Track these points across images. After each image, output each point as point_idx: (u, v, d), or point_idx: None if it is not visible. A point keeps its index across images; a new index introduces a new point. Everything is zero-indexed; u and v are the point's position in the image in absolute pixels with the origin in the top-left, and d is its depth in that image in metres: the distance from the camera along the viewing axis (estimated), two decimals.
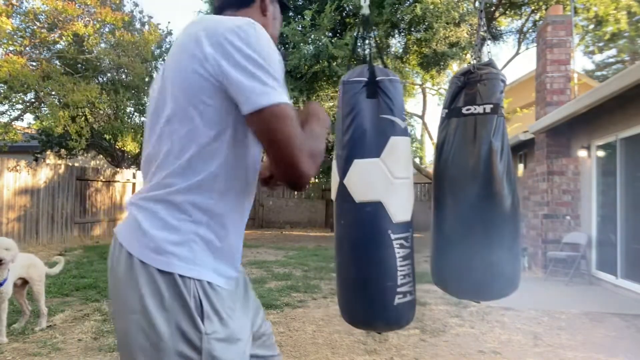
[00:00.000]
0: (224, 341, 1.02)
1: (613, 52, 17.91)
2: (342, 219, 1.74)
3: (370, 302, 1.71)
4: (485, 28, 2.03)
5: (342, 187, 1.70)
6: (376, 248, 1.67)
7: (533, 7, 12.39)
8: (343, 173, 1.70)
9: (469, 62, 1.93)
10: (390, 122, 1.68)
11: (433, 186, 1.93)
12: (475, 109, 1.78)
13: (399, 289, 1.67)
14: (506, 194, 1.73)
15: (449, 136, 1.85)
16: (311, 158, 1.03)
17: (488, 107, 1.77)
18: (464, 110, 1.81)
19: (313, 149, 1.06)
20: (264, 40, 1.02)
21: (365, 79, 1.72)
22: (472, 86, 1.82)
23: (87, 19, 8.90)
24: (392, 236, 1.66)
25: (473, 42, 9.86)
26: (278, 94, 0.98)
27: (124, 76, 10.68)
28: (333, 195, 1.78)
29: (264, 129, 0.99)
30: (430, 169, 16.45)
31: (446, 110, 1.90)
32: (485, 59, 1.99)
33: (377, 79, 1.71)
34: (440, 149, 1.88)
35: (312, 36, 9.76)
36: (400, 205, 1.67)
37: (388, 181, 1.66)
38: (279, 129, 0.97)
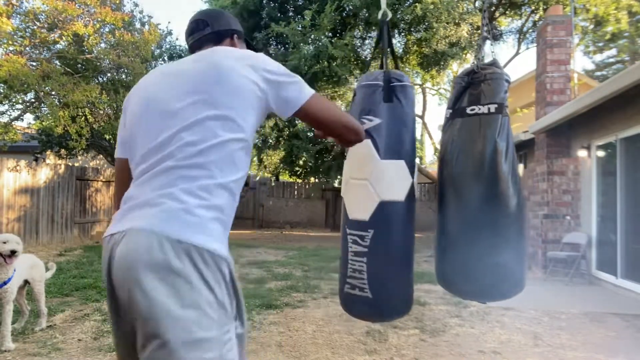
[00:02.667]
0: None
1: (613, 52, 17.92)
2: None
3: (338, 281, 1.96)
4: (487, 28, 2.01)
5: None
6: (341, 237, 1.88)
7: (533, 7, 12.39)
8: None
9: (473, 62, 1.91)
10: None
11: (438, 187, 1.92)
12: (479, 108, 1.77)
13: (347, 279, 1.83)
14: (512, 194, 1.71)
15: (453, 136, 1.84)
16: (350, 116, 1.41)
17: (492, 107, 1.75)
18: (468, 110, 1.80)
19: (342, 111, 1.41)
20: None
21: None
22: (476, 86, 1.80)
23: (87, 19, 8.89)
24: (347, 230, 1.82)
25: (473, 42, 9.86)
26: (308, 88, 1.31)
27: (124, 76, 10.67)
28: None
29: (316, 111, 1.31)
30: (430, 169, 16.47)
31: (450, 111, 1.88)
32: (488, 58, 1.97)
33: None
34: (444, 149, 1.87)
35: (312, 36, 9.75)
36: (353, 204, 1.83)
37: (345, 181, 1.86)
38: (325, 108, 1.33)
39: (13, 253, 3.24)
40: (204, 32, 1.46)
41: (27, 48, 8.65)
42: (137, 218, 1.14)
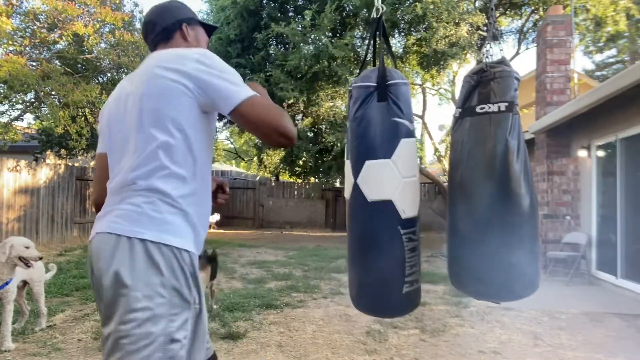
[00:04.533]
0: None
1: (613, 52, 17.92)
2: (357, 216, 1.84)
3: (381, 293, 1.82)
4: (495, 26, 2.01)
5: (355, 187, 1.80)
6: (387, 242, 1.77)
7: (533, 7, 12.40)
8: (356, 173, 1.79)
9: (482, 61, 1.90)
10: (400, 125, 1.76)
11: (448, 187, 1.91)
12: (489, 107, 1.75)
13: (406, 279, 1.78)
14: (524, 194, 1.70)
15: (463, 136, 1.82)
16: (287, 120, 1.32)
17: (503, 106, 1.73)
18: (478, 109, 1.78)
19: (281, 113, 1.33)
20: (219, 59, 1.36)
21: (374, 84, 1.78)
22: (486, 85, 1.78)
23: (87, 19, 8.89)
24: (401, 231, 1.76)
25: (473, 42, 9.86)
26: (246, 90, 1.31)
27: (123, 76, 10.65)
28: (347, 195, 1.88)
29: (248, 116, 1.30)
30: (430, 169, 16.48)
31: (460, 110, 1.86)
32: (497, 57, 1.96)
33: (388, 82, 1.78)
34: (454, 149, 1.85)
35: (312, 36, 9.75)
36: (408, 203, 1.78)
37: (398, 180, 1.76)
38: (257, 113, 1.30)
39: (40, 259, 3.41)
40: (155, 33, 1.54)
41: (27, 48, 8.66)
42: None
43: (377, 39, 2.01)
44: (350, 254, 1.89)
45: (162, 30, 1.52)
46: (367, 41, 2.21)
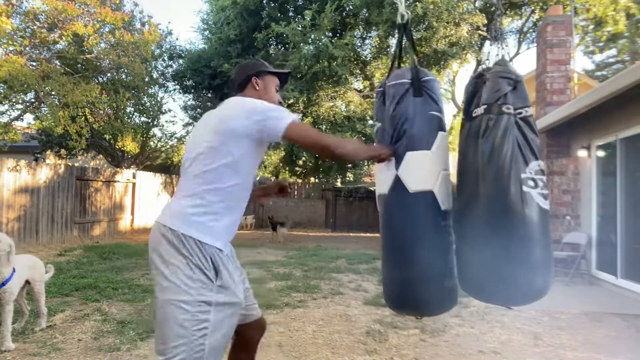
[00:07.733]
0: None
1: (613, 52, 17.92)
2: (397, 208, 1.83)
3: (428, 288, 1.83)
4: (499, 28, 2.04)
5: (396, 179, 1.80)
6: (432, 234, 1.79)
7: (533, 7, 12.40)
8: (397, 165, 1.80)
9: (481, 61, 1.97)
10: (436, 118, 1.83)
11: (455, 189, 1.97)
12: (477, 111, 1.82)
13: (448, 272, 1.84)
14: (499, 196, 1.71)
15: (462, 140, 1.89)
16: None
17: (482, 108, 1.79)
18: (472, 114, 1.84)
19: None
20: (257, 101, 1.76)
21: (409, 80, 1.85)
22: (481, 88, 1.85)
23: (87, 19, 8.90)
24: (442, 223, 1.80)
25: (473, 42, 9.85)
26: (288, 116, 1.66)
27: (124, 76, 10.67)
28: (383, 189, 1.86)
29: (296, 137, 1.68)
30: None
31: (464, 117, 1.94)
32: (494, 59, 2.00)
33: (422, 79, 1.84)
34: (459, 153, 1.92)
35: (312, 36, 9.75)
36: (446, 195, 1.82)
37: (437, 172, 1.81)
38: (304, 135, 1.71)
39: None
40: (235, 87, 1.99)
41: (27, 48, 8.66)
42: None
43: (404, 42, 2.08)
44: (389, 251, 1.87)
45: (238, 84, 1.97)
46: (394, 44, 2.28)
